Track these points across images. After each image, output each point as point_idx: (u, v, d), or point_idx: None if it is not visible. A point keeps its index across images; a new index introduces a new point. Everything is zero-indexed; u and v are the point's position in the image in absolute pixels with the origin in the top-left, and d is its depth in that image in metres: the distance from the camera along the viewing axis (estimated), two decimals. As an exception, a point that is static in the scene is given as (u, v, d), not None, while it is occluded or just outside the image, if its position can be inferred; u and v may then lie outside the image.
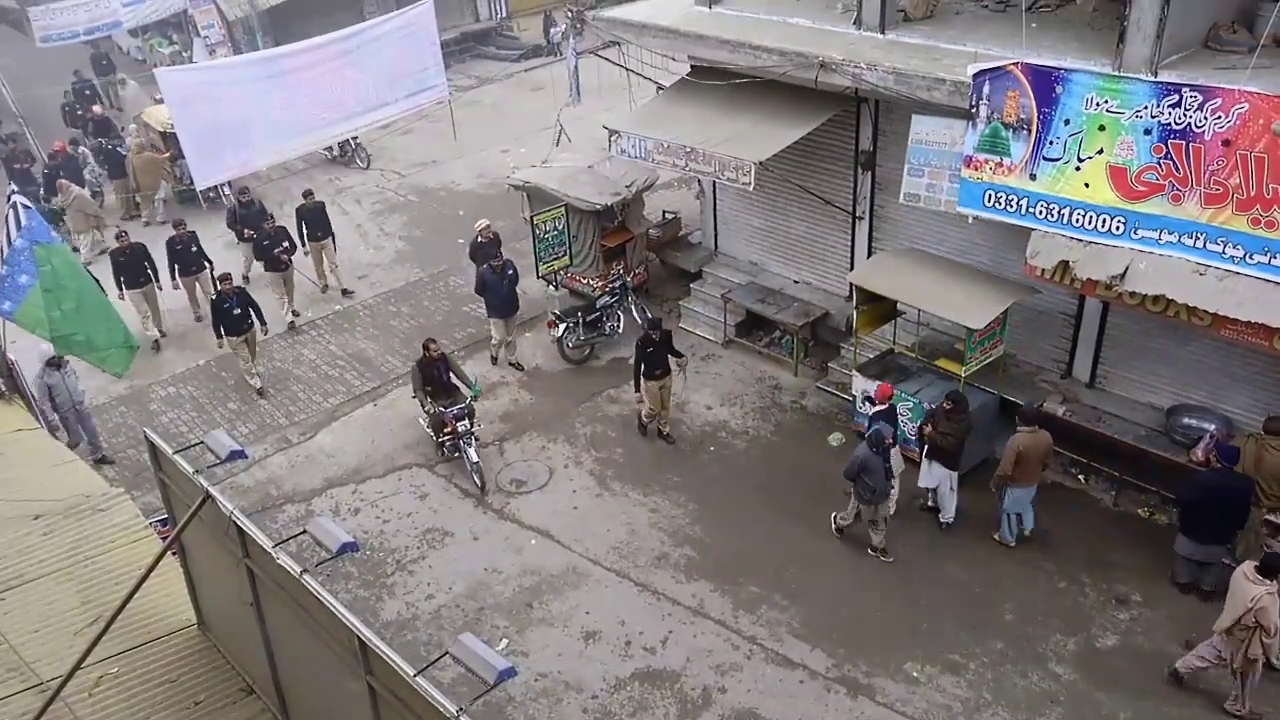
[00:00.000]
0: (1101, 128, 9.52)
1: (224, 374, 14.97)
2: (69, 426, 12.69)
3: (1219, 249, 9.18)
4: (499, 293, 13.99)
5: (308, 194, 16.50)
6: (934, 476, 11.01)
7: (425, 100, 21.18)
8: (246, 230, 16.14)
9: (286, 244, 15.54)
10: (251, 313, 14.07)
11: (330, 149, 21.51)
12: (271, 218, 16.01)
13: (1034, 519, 10.87)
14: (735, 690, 9.64)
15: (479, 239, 15.00)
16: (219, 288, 14.04)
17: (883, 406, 11.13)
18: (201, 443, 6.54)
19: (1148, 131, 9.25)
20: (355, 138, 21.21)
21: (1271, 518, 9.72)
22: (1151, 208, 9.46)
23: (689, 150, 12.35)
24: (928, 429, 10.76)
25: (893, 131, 12.32)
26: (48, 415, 11.65)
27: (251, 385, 14.39)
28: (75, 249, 19.52)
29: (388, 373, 14.72)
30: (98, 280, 12.10)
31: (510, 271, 13.94)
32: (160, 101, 19.64)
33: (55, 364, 12.15)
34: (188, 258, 15.80)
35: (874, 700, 9.44)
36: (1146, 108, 9.20)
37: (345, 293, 16.72)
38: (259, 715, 6.72)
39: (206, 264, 15.93)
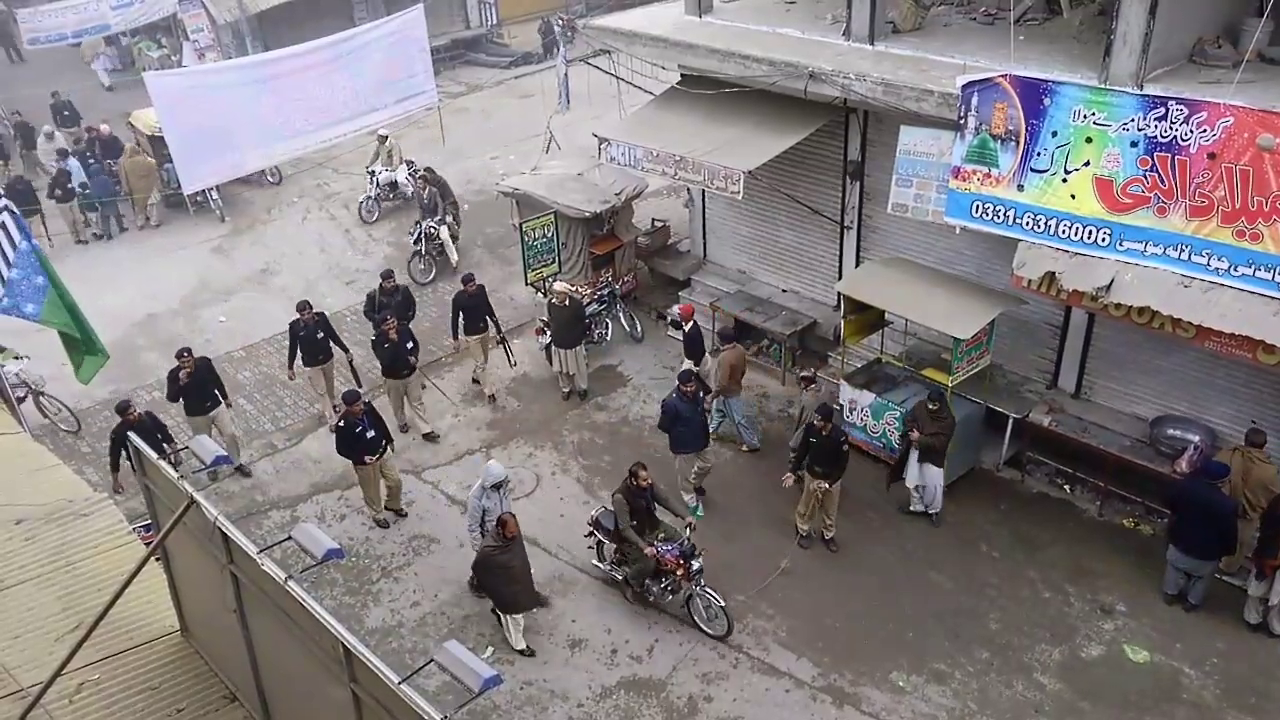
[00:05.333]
0: (1088, 140, 9.59)
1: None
2: None
3: (1204, 261, 9.25)
4: (694, 424, 11.38)
5: (469, 279, 13.60)
6: (925, 477, 11.10)
7: (415, 106, 21.18)
8: (386, 324, 12.75)
9: (410, 344, 12.96)
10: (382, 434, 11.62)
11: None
12: (394, 317, 13.03)
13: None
14: (721, 699, 9.62)
15: (554, 301, 13.42)
16: (347, 409, 11.14)
17: (687, 326, 12.84)
18: (186, 448, 6.51)
19: (1134, 144, 9.32)
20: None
21: None
22: (1137, 220, 9.53)
23: (678, 159, 12.38)
24: (914, 434, 10.80)
25: (881, 142, 12.37)
26: (473, 535, 10.38)
27: (380, 516, 11.98)
28: (148, 218, 19.80)
29: (375, 379, 14.64)
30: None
31: (703, 396, 11.72)
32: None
33: (497, 486, 10.24)
34: (314, 344, 13.13)
35: (860, 710, 9.43)
36: (1133, 120, 9.27)
37: (491, 399, 14.06)
38: (241, 723, 6.68)
39: (344, 350, 13.47)
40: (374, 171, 19.44)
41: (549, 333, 13.82)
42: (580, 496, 12.23)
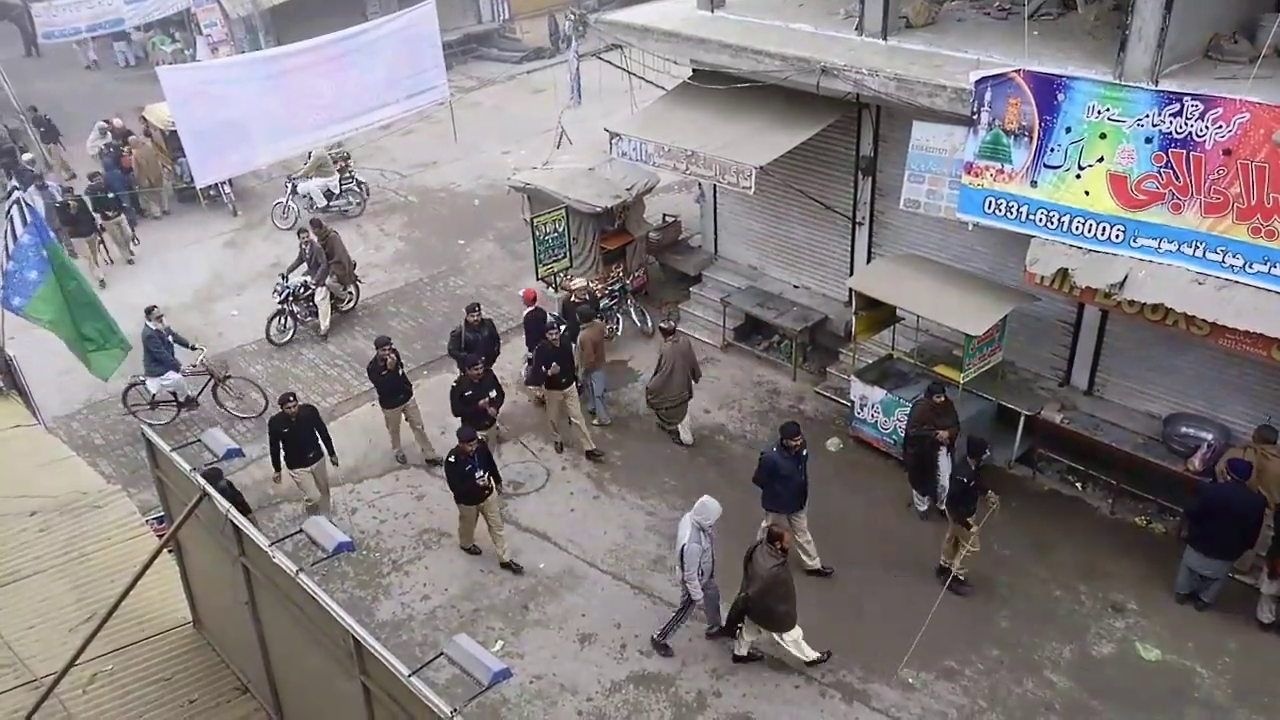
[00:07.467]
0: (1102, 136, 9.54)
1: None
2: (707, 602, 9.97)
3: (1218, 258, 9.20)
4: (793, 483, 10.23)
5: (551, 328, 12.36)
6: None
7: (426, 101, 21.21)
8: (473, 369, 11.80)
9: (494, 393, 11.98)
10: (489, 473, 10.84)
11: None
12: (484, 358, 12.06)
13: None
14: (730, 694, 9.62)
15: (573, 299, 13.18)
16: (459, 445, 10.52)
17: (531, 309, 13.06)
18: (199, 440, 6.54)
19: (1148, 140, 9.27)
20: None
21: None
22: (1151, 216, 9.48)
23: (690, 154, 12.36)
24: (941, 434, 10.75)
25: (894, 137, 12.33)
26: (702, 580, 9.47)
27: (501, 558, 11.16)
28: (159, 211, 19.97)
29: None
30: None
31: (806, 453, 10.36)
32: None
33: (703, 529, 9.38)
34: (395, 382, 12.36)
35: (869, 706, 9.43)
36: (1147, 116, 9.22)
37: (592, 455, 12.71)
38: (253, 714, 6.70)
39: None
40: (292, 179, 19.39)
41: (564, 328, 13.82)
42: (591, 492, 12.25)
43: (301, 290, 15.58)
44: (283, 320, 15.57)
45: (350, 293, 16.27)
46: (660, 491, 12.17)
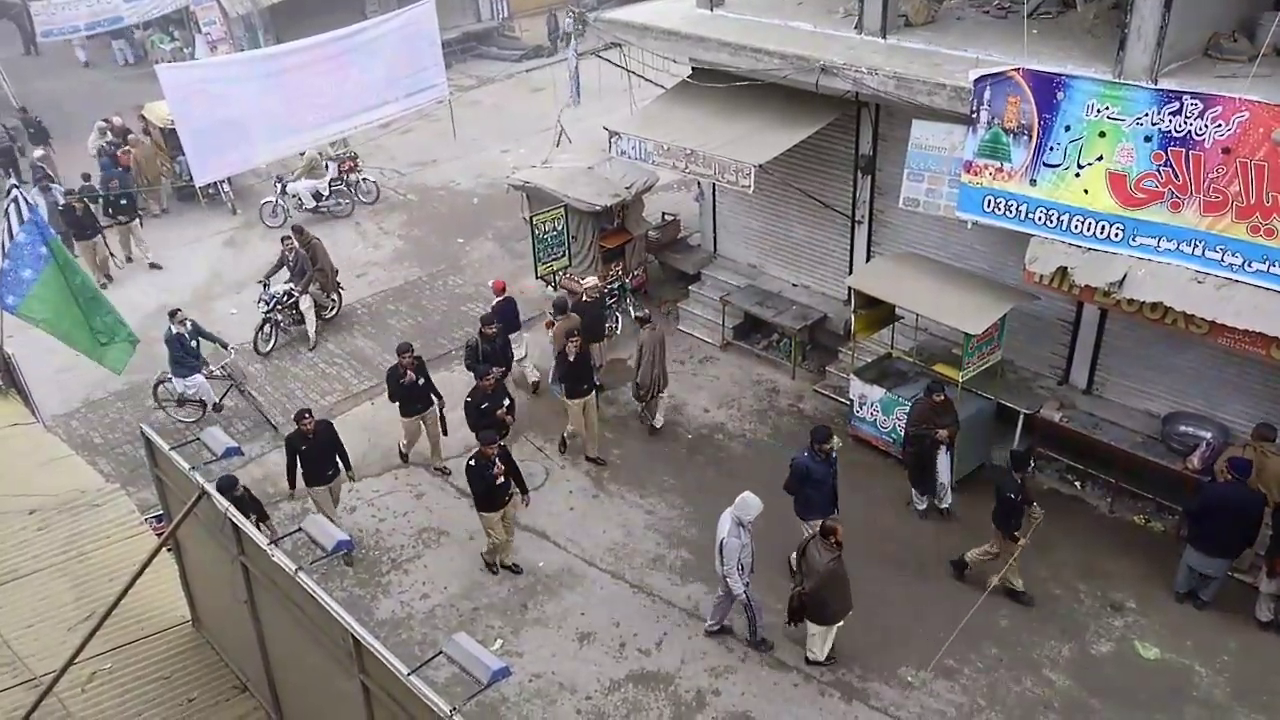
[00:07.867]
0: (1102, 134, 9.54)
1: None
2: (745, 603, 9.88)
3: (1217, 257, 9.20)
4: (825, 487, 10.22)
5: (574, 334, 12.02)
6: (949, 470, 11.10)
7: (425, 100, 21.20)
8: (485, 379, 11.61)
9: (508, 401, 11.85)
10: (513, 481, 10.63)
11: None
12: (493, 372, 11.83)
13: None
14: (729, 693, 9.63)
15: (584, 298, 13.02)
16: (480, 449, 10.24)
17: (501, 299, 13.22)
18: (198, 439, 6.53)
19: (1148, 139, 9.27)
20: None
21: None
22: (1150, 215, 9.48)
23: (689, 152, 12.36)
24: (942, 434, 10.76)
25: (893, 136, 12.33)
26: (742, 577, 9.44)
27: (504, 561, 11.14)
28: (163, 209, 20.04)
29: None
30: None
31: (836, 456, 10.39)
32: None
33: (742, 524, 9.35)
34: (415, 392, 11.98)
35: (868, 705, 9.43)
36: (1147, 115, 9.22)
37: (593, 460, 12.69)
38: (252, 713, 6.70)
39: (439, 399, 12.22)
40: (282, 180, 19.38)
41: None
42: (590, 491, 12.25)
43: (285, 298, 15.39)
44: (267, 329, 15.40)
45: (333, 300, 16.10)
46: (659, 490, 12.17)
